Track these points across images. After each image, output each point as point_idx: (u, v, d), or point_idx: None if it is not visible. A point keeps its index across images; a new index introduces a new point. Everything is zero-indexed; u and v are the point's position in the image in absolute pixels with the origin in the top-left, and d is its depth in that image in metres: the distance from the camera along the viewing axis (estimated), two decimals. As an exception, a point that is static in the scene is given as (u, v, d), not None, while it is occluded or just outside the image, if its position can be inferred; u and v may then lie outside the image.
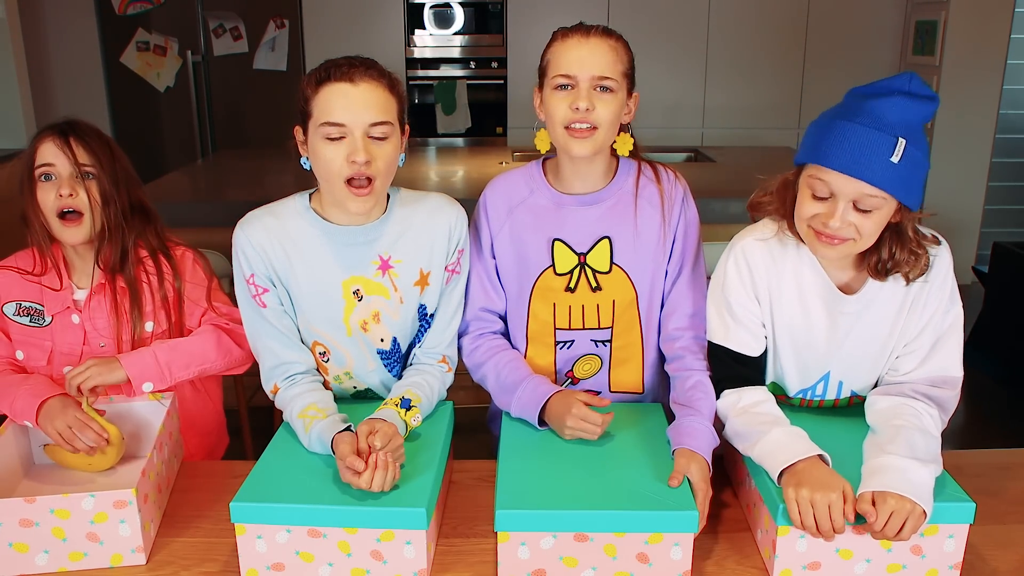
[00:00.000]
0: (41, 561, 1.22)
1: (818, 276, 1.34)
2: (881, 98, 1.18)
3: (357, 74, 1.33)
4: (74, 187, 1.48)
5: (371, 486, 1.17)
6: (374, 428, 1.26)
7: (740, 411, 1.32)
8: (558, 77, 1.40)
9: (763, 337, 1.39)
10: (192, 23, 4.78)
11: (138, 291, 1.55)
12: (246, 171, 3.65)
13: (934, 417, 1.28)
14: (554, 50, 1.44)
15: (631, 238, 1.50)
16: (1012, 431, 3.11)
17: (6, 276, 1.53)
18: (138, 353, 1.51)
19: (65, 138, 1.48)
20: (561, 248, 1.50)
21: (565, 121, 1.40)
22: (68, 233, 1.49)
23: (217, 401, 1.75)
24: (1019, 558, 1.23)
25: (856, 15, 4.85)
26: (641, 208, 1.50)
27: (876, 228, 1.23)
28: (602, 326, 1.54)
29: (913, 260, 1.27)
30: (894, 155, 1.16)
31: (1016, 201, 5.10)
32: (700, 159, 4.01)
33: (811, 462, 1.18)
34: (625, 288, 1.52)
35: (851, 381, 1.41)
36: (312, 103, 1.35)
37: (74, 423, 1.37)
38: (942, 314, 1.33)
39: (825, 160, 1.20)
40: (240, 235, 1.43)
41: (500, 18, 4.87)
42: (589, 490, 1.21)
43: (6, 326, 1.54)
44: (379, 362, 1.51)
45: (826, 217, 1.22)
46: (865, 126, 1.17)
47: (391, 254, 1.46)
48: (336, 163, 1.34)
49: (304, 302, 1.45)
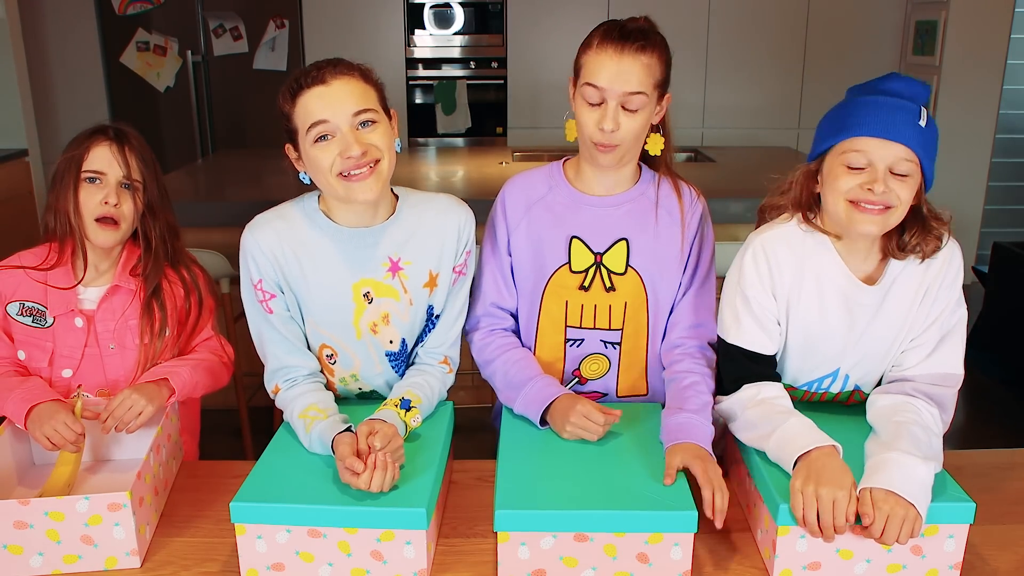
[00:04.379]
0: (35, 563, 1.21)
1: (839, 267, 1.34)
2: (888, 82, 1.27)
3: (327, 74, 1.34)
4: (120, 196, 1.50)
5: (370, 487, 1.17)
6: (374, 429, 1.26)
7: (758, 403, 1.32)
8: (587, 87, 1.40)
9: (777, 336, 1.38)
10: (192, 23, 4.78)
11: (163, 300, 1.56)
12: (246, 171, 3.65)
13: (934, 416, 1.29)
14: (589, 56, 1.41)
15: (649, 242, 1.50)
16: (1012, 431, 3.11)
17: (11, 276, 1.53)
18: (176, 370, 1.51)
19: (120, 146, 1.50)
20: (579, 246, 1.50)
21: (592, 136, 1.41)
22: (103, 236, 1.50)
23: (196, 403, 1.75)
24: (1019, 558, 1.23)
25: (856, 15, 4.85)
26: (660, 217, 1.51)
27: (909, 197, 1.25)
28: (613, 327, 1.54)
29: (930, 237, 1.31)
30: (921, 119, 1.23)
31: (1016, 201, 5.10)
32: (700, 159, 4.01)
33: (826, 452, 1.18)
34: (638, 291, 1.52)
35: (858, 376, 1.41)
36: (294, 117, 1.36)
37: (61, 427, 1.37)
38: (950, 312, 1.34)
39: (859, 130, 1.24)
40: (249, 239, 1.42)
41: (500, 18, 4.87)
42: (589, 490, 1.21)
43: (8, 326, 1.54)
44: (386, 364, 1.52)
45: (868, 184, 1.24)
46: (889, 96, 1.25)
47: (401, 255, 1.45)
48: (328, 161, 1.34)
49: (314, 305, 1.45)
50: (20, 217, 3.89)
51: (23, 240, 1.57)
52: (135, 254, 1.57)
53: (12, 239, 1.55)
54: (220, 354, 1.65)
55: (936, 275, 1.33)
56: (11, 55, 3.97)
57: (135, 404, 1.40)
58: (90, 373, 1.55)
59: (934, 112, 4.63)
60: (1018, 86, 4.87)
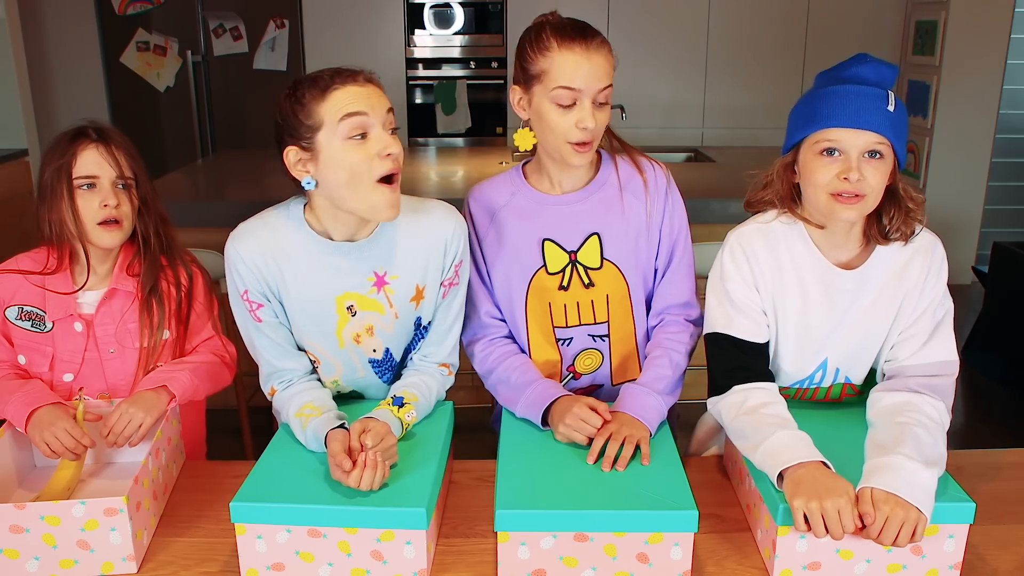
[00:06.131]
0: (32, 568, 1.21)
1: (814, 255, 1.36)
2: (854, 67, 1.30)
3: (361, 76, 1.31)
4: (118, 196, 1.49)
5: (360, 485, 1.17)
6: (367, 427, 1.25)
7: (747, 411, 1.31)
8: (560, 91, 1.38)
9: (765, 326, 1.39)
10: (192, 23, 4.78)
11: (162, 298, 1.55)
12: (246, 171, 3.65)
13: (940, 411, 1.29)
14: (552, 60, 1.39)
15: (620, 231, 1.50)
16: (1012, 431, 3.11)
17: (10, 280, 1.52)
18: (175, 375, 1.50)
19: (107, 146, 1.48)
20: (551, 247, 1.50)
21: (570, 137, 1.40)
22: (108, 238, 1.49)
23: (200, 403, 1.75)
24: (1019, 558, 1.23)
25: (856, 15, 4.85)
26: (627, 201, 1.51)
27: (882, 182, 1.28)
28: (598, 320, 1.55)
29: (908, 218, 1.34)
30: (888, 104, 1.26)
31: (1016, 201, 5.10)
32: (700, 159, 4.01)
33: (812, 467, 1.17)
34: (617, 282, 1.52)
35: (847, 368, 1.41)
36: (319, 111, 1.28)
37: (62, 435, 1.37)
38: (939, 303, 1.36)
39: (830, 121, 1.27)
40: (231, 251, 1.39)
41: (500, 18, 4.87)
42: (589, 490, 1.21)
43: (8, 331, 1.53)
44: (369, 370, 1.51)
45: (844, 173, 1.26)
46: (857, 85, 1.28)
47: (387, 270, 1.42)
48: (364, 163, 1.29)
49: (296, 315, 1.44)
50: (20, 217, 3.88)
51: (23, 240, 1.56)
52: (131, 252, 1.56)
53: (12, 239, 1.54)
54: (222, 354, 1.64)
55: (920, 264, 1.34)
56: (11, 55, 3.97)
57: (133, 418, 1.40)
58: (90, 377, 1.54)
59: (934, 112, 4.63)
60: (1018, 86, 4.87)
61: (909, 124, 4.79)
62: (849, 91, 1.27)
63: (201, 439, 1.75)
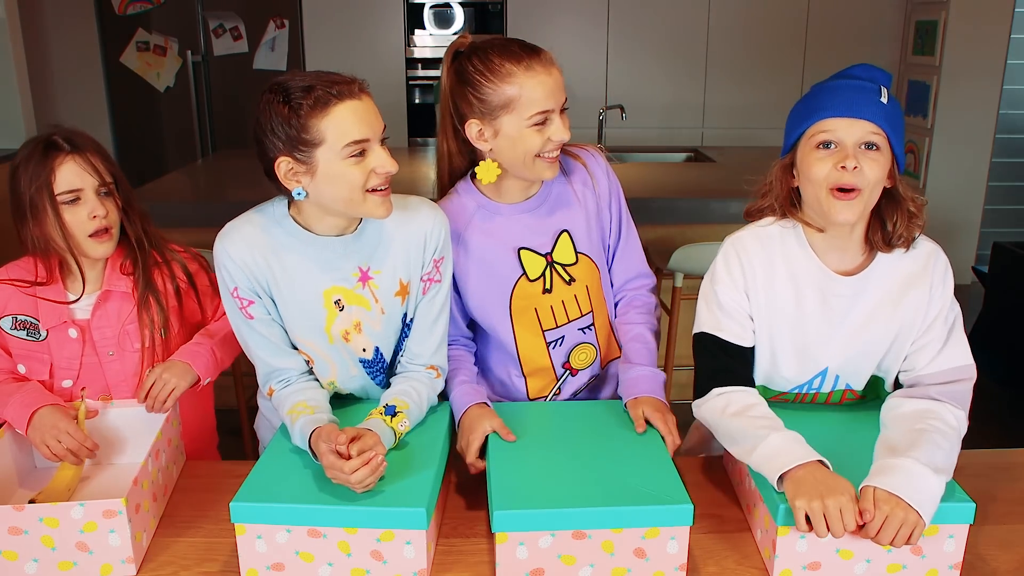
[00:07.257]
0: (30, 570, 1.21)
1: (811, 260, 1.36)
2: (848, 71, 1.34)
3: (357, 88, 1.30)
4: (104, 205, 1.48)
5: (353, 476, 1.17)
6: (357, 436, 1.25)
7: (733, 414, 1.31)
8: (536, 116, 1.40)
9: (751, 331, 1.39)
10: (192, 23, 4.78)
11: (159, 294, 1.55)
12: (246, 171, 3.65)
13: (960, 419, 1.28)
14: (521, 86, 1.39)
15: (583, 222, 1.56)
16: (1012, 431, 3.11)
17: (1, 290, 1.51)
18: (195, 351, 1.54)
19: (82, 154, 1.46)
20: (528, 255, 1.53)
21: (547, 152, 1.44)
22: (101, 249, 1.49)
23: (208, 402, 1.75)
24: (1019, 558, 1.23)
25: (856, 15, 4.86)
26: (577, 190, 1.56)
27: (879, 177, 1.28)
28: (583, 313, 1.58)
29: (912, 224, 1.34)
30: (882, 97, 1.28)
31: (1016, 201, 5.11)
32: (700, 159, 4.01)
33: (812, 467, 1.17)
34: (592, 272, 1.58)
35: (847, 375, 1.41)
36: (319, 129, 1.27)
37: (64, 438, 1.37)
38: (948, 308, 1.35)
39: (824, 112, 1.28)
40: (219, 249, 1.39)
41: (500, 18, 4.87)
42: (585, 487, 1.21)
43: (4, 341, 1.52)
44: (361, 370, 1.50)
45: (840, 162, 1.26)
46: (849, 80, 1.32)
47: (370, 265, 1.43)
48: (361, 177, 1.30)
49: (287, 311, 1.43)
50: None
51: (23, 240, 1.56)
52: (121, 252, 1.55)
53: (12, 239, 1.53)
54: None
55: (922, 270, 1.34)
56: (11, 55, 3.97)
57: (167, 383, 1.47)
58: (90, 381, 1.54)
59: (934, 112, 4.64)
60: (1018, 86, 4.88)
61: (909, 124, 4.81)
62: (841, 84, 1.30)
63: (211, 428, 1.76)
